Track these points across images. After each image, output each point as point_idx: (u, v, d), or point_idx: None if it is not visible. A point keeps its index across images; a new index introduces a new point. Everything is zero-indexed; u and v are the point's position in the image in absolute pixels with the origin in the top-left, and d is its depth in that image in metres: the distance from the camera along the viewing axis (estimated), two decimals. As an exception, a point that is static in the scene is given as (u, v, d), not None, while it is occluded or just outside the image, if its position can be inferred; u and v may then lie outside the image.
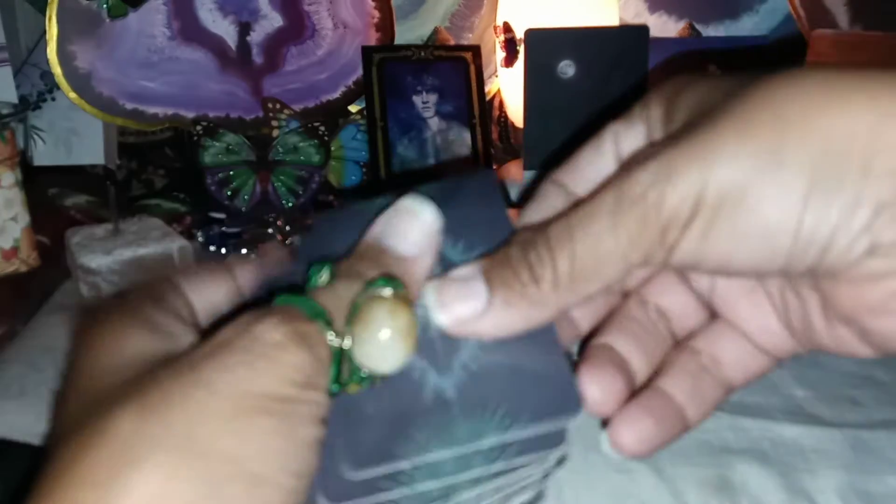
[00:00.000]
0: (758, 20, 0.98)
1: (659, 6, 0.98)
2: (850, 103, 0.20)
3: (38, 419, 0.50)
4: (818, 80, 0.21)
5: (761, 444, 0.45)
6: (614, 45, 0.86)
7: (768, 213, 0.21)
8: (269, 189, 0.83)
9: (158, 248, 0.68)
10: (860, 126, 0.20)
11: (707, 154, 0.21)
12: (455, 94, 0.91)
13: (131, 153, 0.93)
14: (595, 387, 0.26)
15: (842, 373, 0.53)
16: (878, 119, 0.20)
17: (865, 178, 0.20)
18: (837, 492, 0.42)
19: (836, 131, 0.20)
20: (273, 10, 0.90)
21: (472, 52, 0.92)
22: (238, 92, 0.90)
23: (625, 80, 0.86)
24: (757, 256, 0.21)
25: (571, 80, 0.87)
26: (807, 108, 0.21)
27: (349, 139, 0.88)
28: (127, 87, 0.87)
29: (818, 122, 0.20)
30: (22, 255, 0.66)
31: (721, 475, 0.43)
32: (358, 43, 0.92)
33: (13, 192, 0.64)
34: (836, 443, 0.46)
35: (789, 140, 0.20)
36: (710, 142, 0.21)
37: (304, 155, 0.84)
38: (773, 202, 0.20)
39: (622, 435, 0.26)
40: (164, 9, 0.87)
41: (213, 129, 0.82)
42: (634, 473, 0.43)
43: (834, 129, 0.20)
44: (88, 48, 0.85)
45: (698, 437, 0.46)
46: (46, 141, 0.88)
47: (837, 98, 0.21)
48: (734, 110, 0.21)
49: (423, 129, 0.89)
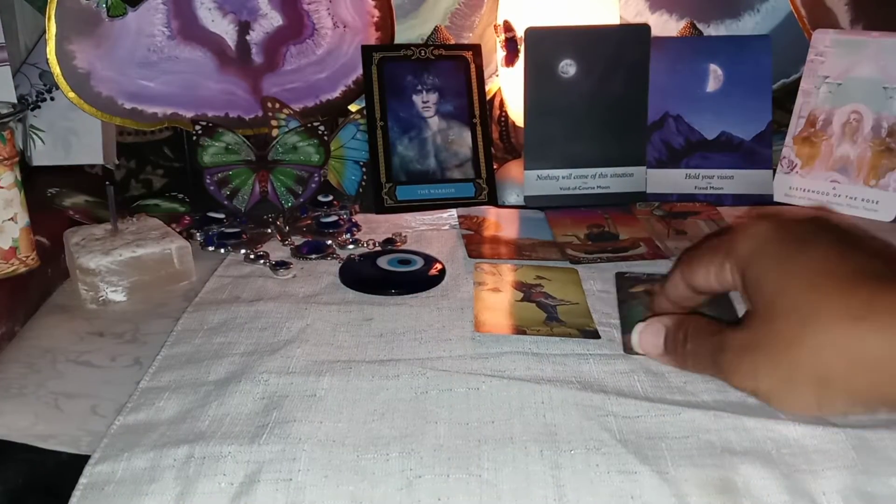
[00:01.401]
0: (759, 19, 0.98)
1: (660, 5, 0.98)
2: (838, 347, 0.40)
3: (38, 419, 0.50)
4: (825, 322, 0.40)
5: (764, 445, 0.45)
6: (615, 44, 0.86)
7: (793, 408, 0.44)
8: (268, 189, 0.83)
9: (157, 249, 0.67)
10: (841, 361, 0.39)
11: (754, 373, 0.43)
12: (455, 94, 0.90)
13: (130, 153, 0.93)
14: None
15: (844, 373, 0.53)
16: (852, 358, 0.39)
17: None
18: (840, 493, 0.42)
19: (829, 362, 0.40)
20: (272, 9, 0.89)
21: (472, 51, 0.92)
22: (237, 91, 0.90)
23: (626, 79, 0.86)
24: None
25: (571, 79, 0.86)
26: (815, 351, 0.40)
27: (349, 139, 0.88)
28: (126, 87, 0.87)
29: (820, 359, 0.40)
30: (21, 255, 0.66)
31: (724, 476, 0.43)
32: (358, 42, 0.91)
33: (12, 193, 0.64)
34: (839, 443, 0.45)
35: (799, 370, 0.41)
36: (756, 365, 0.43)
37: (303, 154, 0.84)
38: (794, 404, 0.43)
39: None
40: (163, 8, 0.86)
41: (212, 129, 0.82)
42: (636, 474, 0.43)
43: (827, 361, 0.40)
44: (87, 48, 0.85)
45: (701, 437, 0.46)
46: (45, 141, 0.88)
47: (830, 342, 0.39)
48: (767, 343, 0.42)
49: (424, 129, 0.89)
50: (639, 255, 0.72)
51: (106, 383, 0.54)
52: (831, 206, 0.86)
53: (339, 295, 0.65)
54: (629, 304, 0.62)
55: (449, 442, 0.46)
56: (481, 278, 0.67)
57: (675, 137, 0.90)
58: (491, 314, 0.60)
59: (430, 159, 0.89)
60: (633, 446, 0.45)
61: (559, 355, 0.55)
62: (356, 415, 0.48)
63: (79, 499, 0.42)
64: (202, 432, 0.47)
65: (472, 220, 0.81)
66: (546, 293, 0.64)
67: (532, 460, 0.44)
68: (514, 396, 0.50)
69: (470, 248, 0.73)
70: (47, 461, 0.47)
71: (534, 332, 0.57)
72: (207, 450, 0.45)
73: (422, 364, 0.54)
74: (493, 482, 0.43)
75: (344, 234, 0.78)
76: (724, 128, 0.89)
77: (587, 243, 0.75)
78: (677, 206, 0.85)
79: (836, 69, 0.87)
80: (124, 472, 0.44)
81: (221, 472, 0.43)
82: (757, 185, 0.88)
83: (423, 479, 0.43)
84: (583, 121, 0.86)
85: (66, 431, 0.49)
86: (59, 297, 0.68)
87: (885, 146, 0.84)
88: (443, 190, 0.88)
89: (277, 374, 0.53)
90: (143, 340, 0.60)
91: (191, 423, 0.48)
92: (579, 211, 0.83)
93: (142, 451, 0.45)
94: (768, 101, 0.89)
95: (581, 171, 0.86)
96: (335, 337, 0.58)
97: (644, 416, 0.48)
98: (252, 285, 0.68)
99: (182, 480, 0.43)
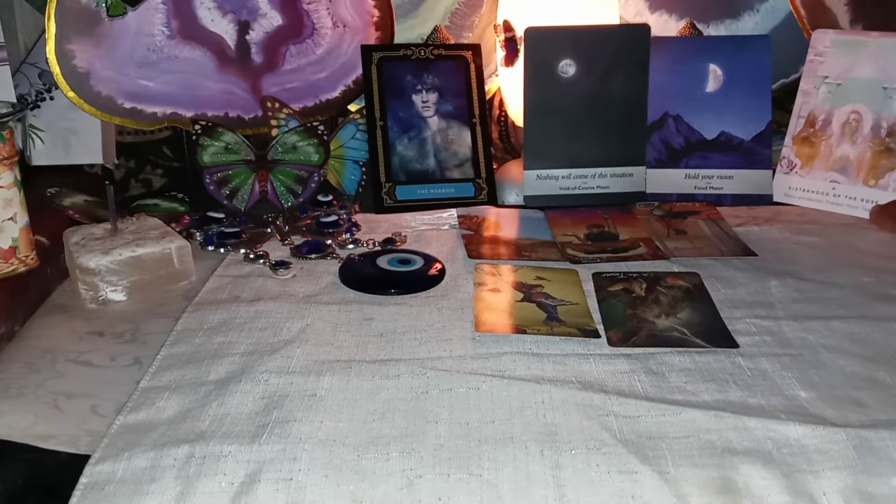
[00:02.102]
0: (759, 19, 0.98)
1: (660, 5, 0.98)
2: None
3: (38, 419, 0.50)
4: None
5: (765, 445, 0.45)
6: (615, 44, 0.86)
7: None
8: (267, 188, 0.83)
9: (157, 248, 0.67)
10: None
11: None
12: (455, 94, 0.90)
13: (130, 152, 0.93)
14: None
15: (845, 374, 0.53)
16: None
17: None
18: (841, 493, 0.42)
19: None
20: (272, 9, 0.89)
21: (472, 51, 0.92)
22: (237, 91, 0.90)
23: (625, 79, 0.86)
24: None
25: (571, 79, 0.86)
26: None
27: (348, 138, 0.88)
28: (125, 87, 0.87)
29: None
30: (20, 254, 0.65)
31: (724, 476, 0.43)
32: (357, 42, 0.91)
33: (12, 192, 0.64)
34: (839, 444, 0.45)
35: None
36: None
37: (303, 154, 0.84)
38: None
39: None
40: (162, 8, 0.86)
41: (211, 129, 0.82)
42: (637, 474, 0.43)
43: None
44: (87, 47, 0.85)
45: (701, 437, 0.46)
46: (45, 140, 0.88)
47: None
48: None
49: (423, 129, 0.89)
50: (638, 255, 0.72)
51: (106, 383, 0.54)
52: (830, 206, 0.86)
53: (339, 295, 0.65)
54: (609, 303, 0.63)
55: (449, 442, 0.46)
56: (481, 279, 0.67)
57: (675, 137, 0.90)
58: (491, 314, 0.60)
59: (429, 159, 0.89)
60: (633, 446, 0.45)
61: (559, 355, 0.55)
62: (356, 414, 0.48)
63: (79, 499, 0.42)
64: (202, 432, 0.47)
65: (472, 219, 0.81)
66: (546, 293, 0.64)
67: (532, 460, 0.44)
68: (514, 396, 0.50)
69: (470, 249, 0.73)
70: (47, 461, 0.47)
71: (534, 332, 0.57)
72: (208, 449, 0.45)
73: (422, 364, 0.54)
74: (493, 482, 0.43)
75: (344, 233, 0.78)
76: (723, 128, 0.89)
77: (587, 243, 0.75)
78: (677, 206, 0.85)
79: (836, 69, 0.87)
80: (125, 472, 0.44)
81: (222, 472, 0.43)
82: (756, 185, 0.88)
83: (423, 478, 0.43)
84: (582, 121, 0.86)
85: (66, 431, 0.49)
86: (58, 297, 0.67)
87: (884, 146, 0.84)
88: (442, 190, 0.88)
89: (278, 373, 0.53)
90: (142, 340, 0.60)
91: (191, 423, 0.48)
92: (579, 211, 0.83)
93: (142, 451, 0.45)
94: (768, 101, 0.89)
95: (581, 170, 0.86)
96: (335, 337, 0.58)
97: (644, 415, 0.48)
98: (252, 285, 0.68)
99: (182, 480, 0.43)
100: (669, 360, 0.54)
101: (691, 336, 0.57)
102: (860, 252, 0.74)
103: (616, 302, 0.62)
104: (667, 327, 0.59)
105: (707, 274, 0.68)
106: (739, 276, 0.68)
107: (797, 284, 0.66)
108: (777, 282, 0.67)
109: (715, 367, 0.54)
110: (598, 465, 0.44)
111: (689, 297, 0.63)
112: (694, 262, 0.71)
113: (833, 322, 0.60)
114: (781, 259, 0.72)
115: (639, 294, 0.64)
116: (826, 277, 0.68)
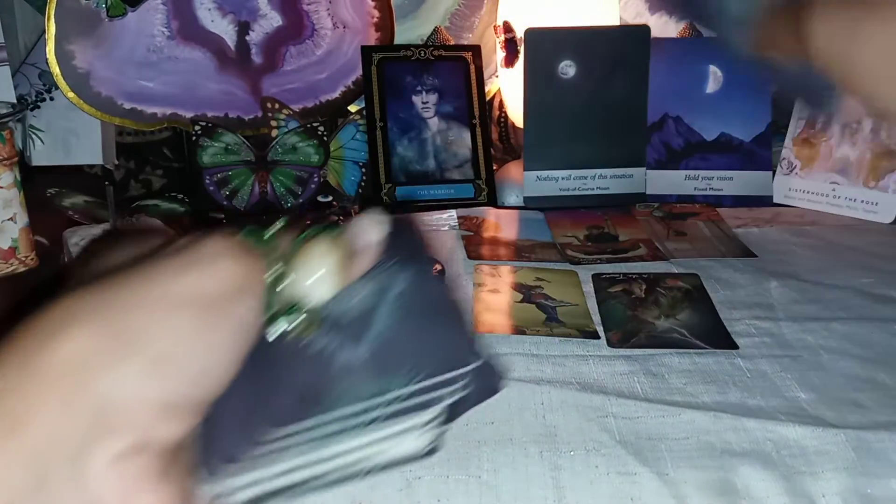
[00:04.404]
0: (758, 20, 0.98)
1: (660, 6, 0.98)
2: None
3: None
4: None
5: (764, 447, 0.45)
6: (615, 45, 0.86)
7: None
8: (267, 189, 0.83)
9: (157, 249, 0.67)
10: None
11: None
12: (455, 94, 0.90)
13: (129, 153, 0.93)
14: None
15: (845, 375, 0.53)
16: None
17: None
18: (840, 495, 0.42)
19: None
20: (272, 10, 0.89)
21: (472, 51, 0.92)
22: (237, 92, 0.90)
23: (625, 80, 0.86)
24: None
25: (571, 80, 0.86)
26: None
27: (348, 139, 0.88)
28: (125, 87, 0.87)
29: None
30: (20, 255, 0.65)
31: (723, 478, 0.43)
32: (357, 42, 0.91)
33: (11, 193, 0.64)
34: (838, 445, 0.45)
35: None
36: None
37: (302, 155, 0.84)
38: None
39: None
40: (162, 8, 0.86)
41: (211, 129, 0.82)
42: (636, 476, 0.43)
43: None
44: (87, 48, 0.85)
45: (700, 438, 0.46)
46: (45, 141, 0.88)
47: None
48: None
49: (423, 130, 0.89)
50: (638, 256, 0.72)
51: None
52: (831, 207, 0.86)
53: (339, 295, 0.65)
54: (608, 304, 0.63)
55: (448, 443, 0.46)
56: (481, 279, 0.67)
57: (675, 138, 0.90)
58: (490, 315, 0.60)
59: (429, 160, 0.89)
60: (632, 447, 0.45)
61: (559, 356, 0.55)
62: (355, 415, 0.48)
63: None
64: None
65: (472, 220, 0.81)
66: (546, 294, 0.64)
67: (531, 461, 0.44)
68: (513, 397, 0.50)
69: (469, 250, 0.73)
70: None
71: (533, 333, 0.57)
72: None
73: (421, 365, 0.54)
74: (492, 483, 0.42)
75: (343, 234, 0.78)
76: (723, 129, 0.89)
77: (587, 244, 0.75)
78: (677, 208, 0.85)
79: (836, 70, 0.87)
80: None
81: (220, 473, 0.43)
82: (756, 187, 0.88)
83: (422, 479, 0.43)
84: (582, 122, 0.86)
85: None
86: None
87: (884, 148, 0.84)
88: (442, 191, 0.88)
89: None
90: (142, 341, 0.60)
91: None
92: (579, 212, 0.83)
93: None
94: (768, 102, 0.89)
95: (581, 171, 0.86)
96: (334, 337, 0.58)
97: (644, 417, 0.48)
98: (251, 286, 0.67)
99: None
100: (669, 361, 0.54)
101: (691, 337, 0.58)
102: (860, 253, 0.74)
103: (616, 303, 0.62)
104: (666, 328, 0.59)
105: (707, 275, 0.68)
106: (739, 278, 0.68)
107: (797, 286, 0.66)
108: (777, 283, 0.67)
109: (714, 368, 0.54)
110: (598, 466, 0.44)
111: (688, 298, 0.63)
112: (694, 263, 0.71)
113: (833, 323, 0.60)
114: (781, 260, 0.72)
115: (638, 295, 0.64)
116: (826, 279, 0.68)
